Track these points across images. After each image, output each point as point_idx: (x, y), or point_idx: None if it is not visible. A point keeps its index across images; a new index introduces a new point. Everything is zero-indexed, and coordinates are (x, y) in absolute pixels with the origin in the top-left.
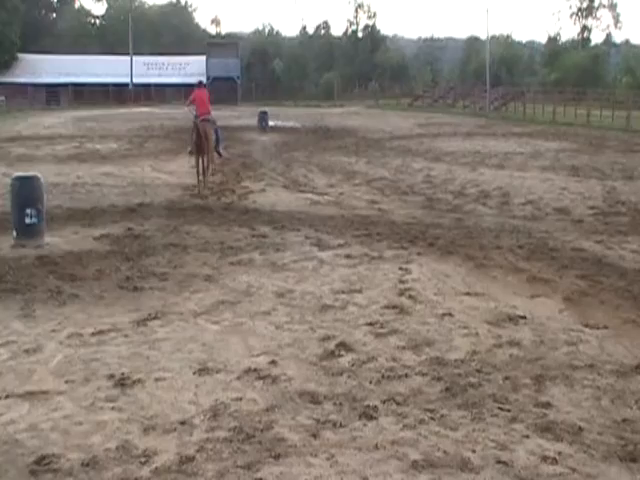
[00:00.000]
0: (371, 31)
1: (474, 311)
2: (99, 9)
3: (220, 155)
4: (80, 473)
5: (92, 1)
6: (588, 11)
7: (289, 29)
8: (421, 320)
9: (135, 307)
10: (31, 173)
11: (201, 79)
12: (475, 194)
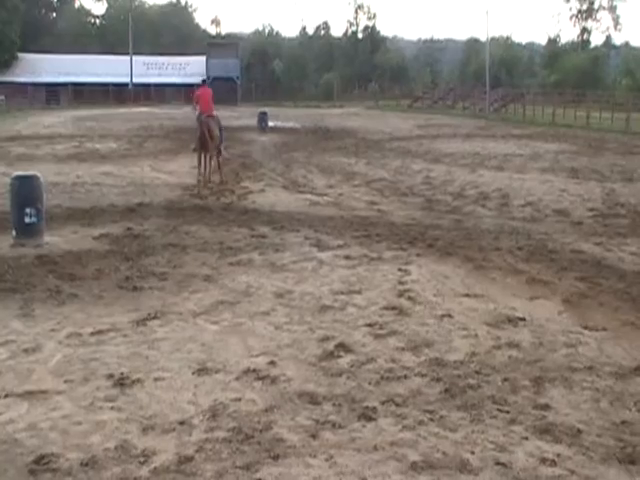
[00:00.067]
0: (371, 32)
1: (473, 312)
2: (99, 9)
3: (221, 153)
4: (79, 473)
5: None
6: (588, 13)
7: (289, 30)
8: (420, 321)
9: (134, 307)
10: (31, 172)
11: (204, 78)
12: (474, 196)
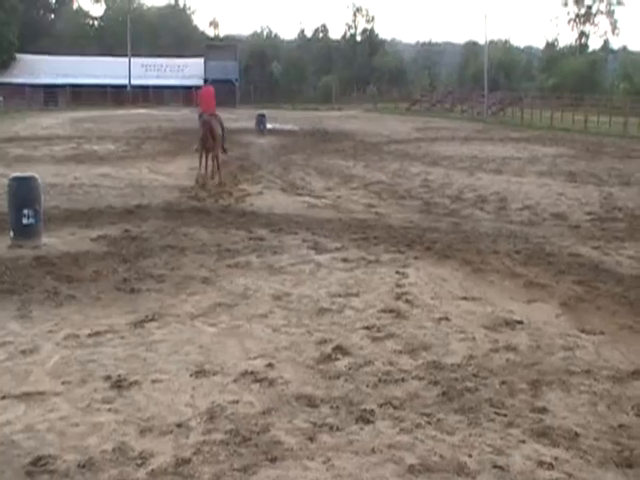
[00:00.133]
0: (369, 35)
1: (471, 316)
2: (97, 10)
3: (225, 151)
4: (76, 474)
5: (90, 2)
6: (586, 17)
7: (287, 32)
8: (418, 324)
9: (132, 309)
10: (28, 174)
11: (206, 78)
12: (472, 199)
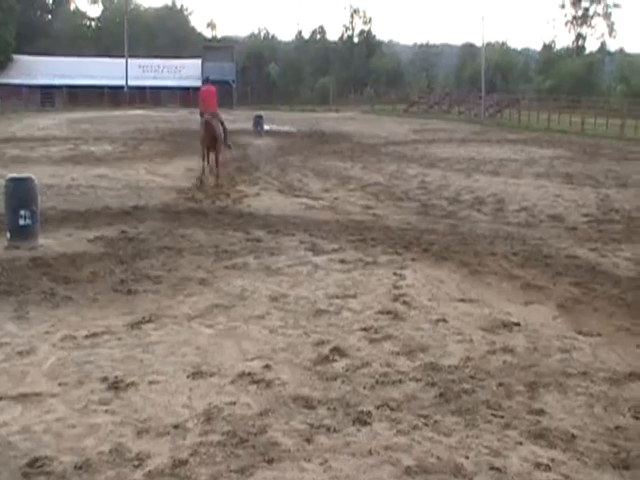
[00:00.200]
0: (367, 36)
1: (468, 317)
2: (95, 11)
3: (230, 147)
4: (73, 476)
5: (88, 3)
6: (583, 19)
7: (285, 33)
8: (415, 326)
9: (129, 310)
10: (25, 174)
11: (207, 77)
12: (470, 200)
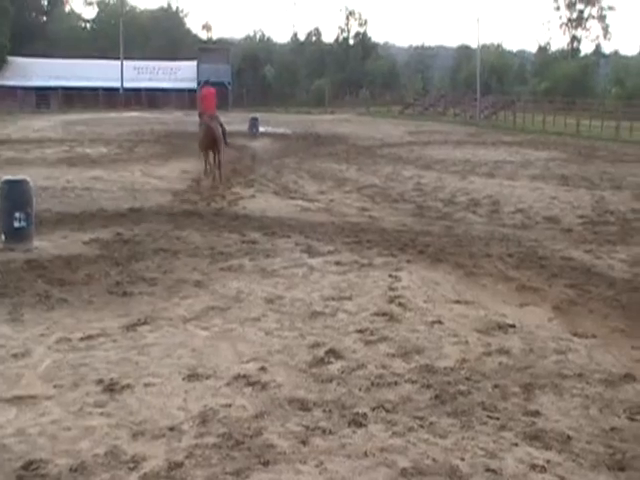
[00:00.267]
0: (362, 38)
1: (464, 319)
2: (90, 13)
3: (227, 144)
4: (68, 478)
5: (83, 5)
6: (578, 22)
7: (280, 35)
8: (411, 328)
9: (124, 312)
10: (20, 176)
11: (207, 80)
12: (465, 202)
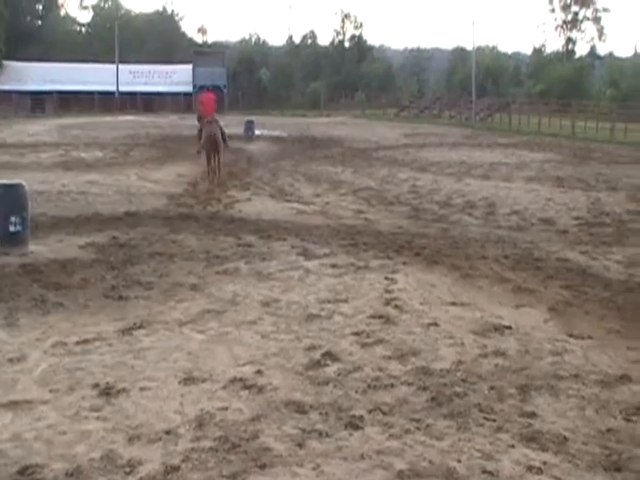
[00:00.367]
0: (358, 41)
1: (460, 321)
2: (85, 17)
3: (227, 145)
4: None
5: (78, 9)
6: (573, 24)
7: (276, 38)
8: (407, 330)
9: (120, 316)
10: (15, 181)
11: (207, 85)
12: (461, 204)
